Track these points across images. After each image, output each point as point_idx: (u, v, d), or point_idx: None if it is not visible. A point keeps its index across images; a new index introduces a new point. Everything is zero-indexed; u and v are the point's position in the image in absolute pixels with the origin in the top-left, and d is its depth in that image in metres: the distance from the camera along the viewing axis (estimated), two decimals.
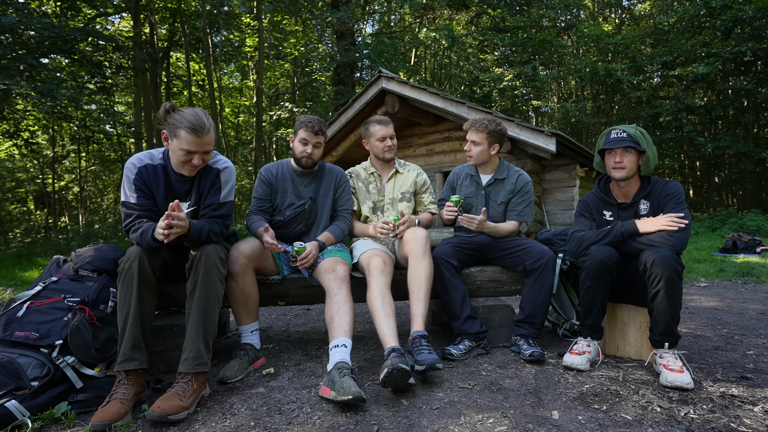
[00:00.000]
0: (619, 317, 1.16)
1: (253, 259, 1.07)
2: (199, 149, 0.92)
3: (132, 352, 0.86)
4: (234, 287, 1.05)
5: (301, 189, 1.23)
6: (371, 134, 1.31)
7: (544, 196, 3.83)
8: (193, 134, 0.90)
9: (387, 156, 1.31)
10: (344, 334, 0.96)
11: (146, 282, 0.91)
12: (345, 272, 1.07)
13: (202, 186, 1.03)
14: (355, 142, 4.43)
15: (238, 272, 1.04)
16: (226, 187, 1.04)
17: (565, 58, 9.78)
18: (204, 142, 0.92)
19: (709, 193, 9.83)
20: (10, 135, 5.90)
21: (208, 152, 0.96)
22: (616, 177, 1.08)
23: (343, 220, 1.26)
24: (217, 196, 1.02)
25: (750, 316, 1.67)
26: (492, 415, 0.82)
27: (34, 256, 4.92)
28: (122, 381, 0.85)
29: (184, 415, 0.81)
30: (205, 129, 0.92)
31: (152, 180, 1.00)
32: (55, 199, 9.57)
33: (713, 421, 0.79)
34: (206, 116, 0.94)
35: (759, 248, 3.71)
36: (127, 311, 0.88)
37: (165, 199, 1.00)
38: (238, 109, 11.13)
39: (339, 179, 1.27)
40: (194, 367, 0.86)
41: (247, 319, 1.09)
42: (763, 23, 6.59)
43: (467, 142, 1.31)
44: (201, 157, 0.94)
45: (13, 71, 4.05)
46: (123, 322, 0.88)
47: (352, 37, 7.90)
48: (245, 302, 1.07)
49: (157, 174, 1.00)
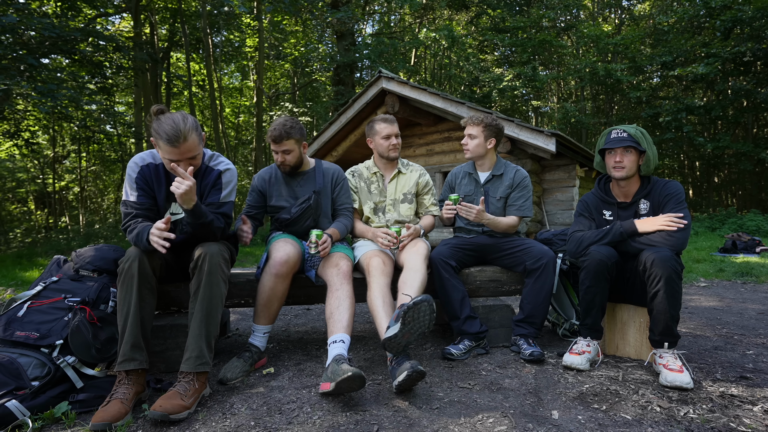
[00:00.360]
0: (618, 317, 1.16)
1: (297, 264, 1.09)
2: (180, 157, 0.91)
3: (132, 352, 0.86)
4: (269, 287, 1.04)
5: (296, 189, 1.23)
6: (376, 132, 1.30)
7: (544, 196, 3.83)
8: (170, 145, 0.88)
9: (392, 155, 1.30)
10: (343, 330, 0.96)
11: (146, 282, 0.91)
12: (348, 268, 1.07)
13: (203, 187, 1.04)
14: (355, 142, 4.44)
15: (286, 274, 1.05)
16: (227, 188, 1.05)
17: (565, 59, 9.79)
18: (182, 151, 0.90)
19: (709, 193, 9.85)
20: (11, 135, 5.91)
21: (193, 158, 0.93)
22: (616, 176, 1.08)
23: (345, 216, 1.25)
24: (217, 196, 1.03)
25: (749, 316, 1.67)
26: (492, 415, 0.82)
27: (35, 256, 4.92)
28: (122, 381, 0.85)
29: (185, 415, 0.81)
30: (181, 138, 0.88)
31: (154, 179, 1.00)
32: (56, 199, 9.60)
33: (713, 421, 0.79)
34: (185, 122, 0.89)
35: (758, 248, 3.72)
36: (127, 311, 0.88)
37: (166, 199, 1.01)
38: (239, 109, 11.14)
39: (336, 178, 1.26)
40: (196, 366, 0.86)
41: (265, 320, 1.08)
42: (762, 23, 6.60)
43: (464, 137, 1.32)
44: (186, 164, 0.92)
45: (14, 71, 4.05)
46: (123, 322, 0.88)
47: (352, 38, 7.91)
48: (272, 304, 1.07)
49: (159, 173, 1.01)
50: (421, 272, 1.06)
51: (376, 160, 1.35)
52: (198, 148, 0.94)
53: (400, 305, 0.90)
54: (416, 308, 0.87)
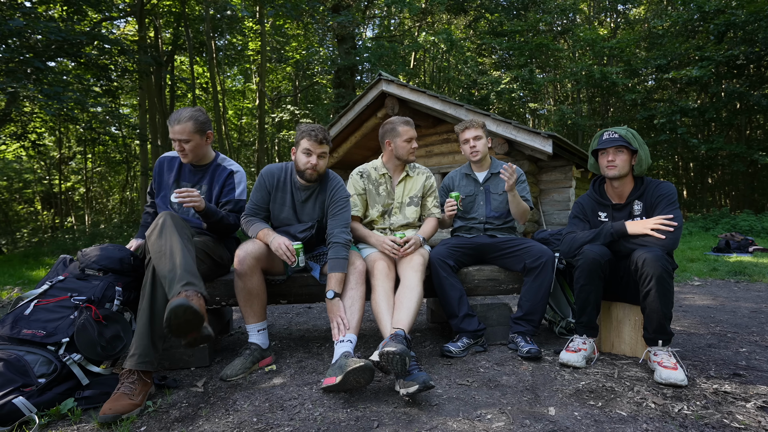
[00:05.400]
0: (614, 315, 1.18)
1: (261, 260, 1.06)
2: (174, 137, 1.10)
3: (147, 351, 0.87)
4: (241, 287, 1.05)
5: (297, 204, 1.16)
6: (399, 134, 1.24)
7: (541, 197, 3.85)
8: (169, 124, 1.11)
9: (411, 158, 1.27)
10: (352, 330, 0.97)
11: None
12: (363, 268, 1.08)
13: (214, 181, 1.18)
14: (355, 144, 4.47)
15: (246, 272, 1.04)
16: (240, 187, 1.19)
17: (562, 62, 9.88)
18: (176, 131, 1.09)
19: (703, 194, 9.90)
20: (18, 137, 5.97)
21: (186, 141, 1.11)
22: (609, 175, 1.10)
23: (344, 235, 1.09)
24: (232, 195, 1.18)
25: (742, 314, 1.69)
26: (490, 411, 0.83)
27: (41, 256, 4.92)
28: (128, 376, 0.86)
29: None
30: (176, 121, 1.09)
31: (166, 168, 1.20)
32: (62, 199, 9.67)
33: (706, 417, 0.80)
34: (190, 112, 1.10)
35: (751, 248, 3.74)
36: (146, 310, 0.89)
37: (175, 183, 1.18)
38: (241, 111, 11.19)
39: (334, 190, 1.15)
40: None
41: (253, 319, 1.09)
42: (755, 27, 6.67)
43: (466, 142, 1.33)
44: (180, 145, 1.11)
45: (21, 74, 4.10)
46: (142, 319, 0.89)
47: (352, 41, 8.00)
48: (251, 302, 1.07)
49: (173, 163, 1.20)
50: (417, 290, 1.05)
51: (386, 161, 1.31)
52: (191, 135, 1.11)
53: (386, 341, 0.88)
54: (388, 356, 0.83)
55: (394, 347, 0.84)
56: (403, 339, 0.90)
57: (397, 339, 0.89)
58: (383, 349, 0.85)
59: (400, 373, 0.85)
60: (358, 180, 1.31)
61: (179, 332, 0.79)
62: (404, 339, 0.91)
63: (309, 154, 1.10)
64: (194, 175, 1.18)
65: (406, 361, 0.84)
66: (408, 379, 0.85)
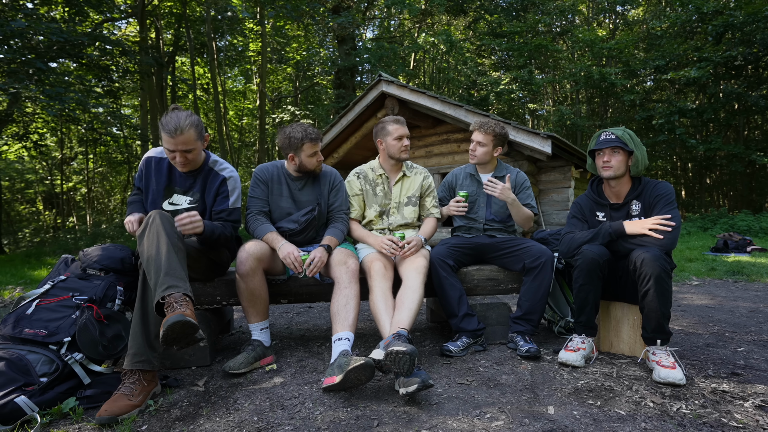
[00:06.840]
0: (612, 315, 1.18)
1: (262, 261, 1.07)
2: (176, 148, 1.00)
3: (145, 351, 0.88)
4: (243, 287, 1.06)
5: (295, 192, 1.20)
6: (388, 133, 1.26)
7: (540, 197, 3.87)
8: (168, 135, 0.99)
9: (403, 156, 1.27)
10: (348, 328, 0.98)
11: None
12: (356, 266, 1.08)
13: (207, 188, 1.09)
14: (355, 144, 4.47)
15: (248, 273, 1.05)
16: (234, 195, 1.12)
17: (561, 63, 9.89)
18: (178, 142, 0.99)
19: (701, 194, 9.93)
20: (20, 137, 6.02)
21: (189, 151, 1.01)
22: (604, 175, 1.11)
23: (340, 221, 1.23)
24: (226, 203, 1.10)
25: (740, 313, 1.69)
26: (489, 410, 0.83)
27: (43, 256, 4.92)
28: (129, 376, 0.87)
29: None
30: (178, 131, 0.98)
31: (154, 170, 1.09)
32: (64, 199, 9.66)
33: (705, 416, 0.80)
34: (186, 119, 0.98)
35: (749, 248, 3.75)
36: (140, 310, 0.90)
37: (165, 189, 1.09)
38: (242, 111, 11.21)
39: (333, 181, 1.24)
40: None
41: (255, 318, 1.10)
42: (753, 28, 6.70)
43: (472, 141, 1.32)
44: (182, 156, 1.01)
45: (23, 75, 4.13)
46: (136, 319, 0.90)
47: (352, 42, 8.02)
48: (254, 302, 1.08)
49: (161, 166, 1.09)
50: (419, 292, 1.05)
51: (382, 161, 1.32)
52: (195, 144, 1.02)
53: (388, 340, 0.88)
54: (397, 355, 0.83)
55: (403, 347, 0.84)
56: (406, 339, 0.91)
57: (402, 339, 0.89)
58: (391, 349, 0.84)
59: (406, 372, 0.85)
60: (354, 181, 1.32)
61: (175, 344, 0.80)
62: (407, 339, 0.91)
63: (314, 155, 1.18)
64: (186, 180, 1.09)
65: (414, 362, 0.84)
66: (408, 378, 0.85)
